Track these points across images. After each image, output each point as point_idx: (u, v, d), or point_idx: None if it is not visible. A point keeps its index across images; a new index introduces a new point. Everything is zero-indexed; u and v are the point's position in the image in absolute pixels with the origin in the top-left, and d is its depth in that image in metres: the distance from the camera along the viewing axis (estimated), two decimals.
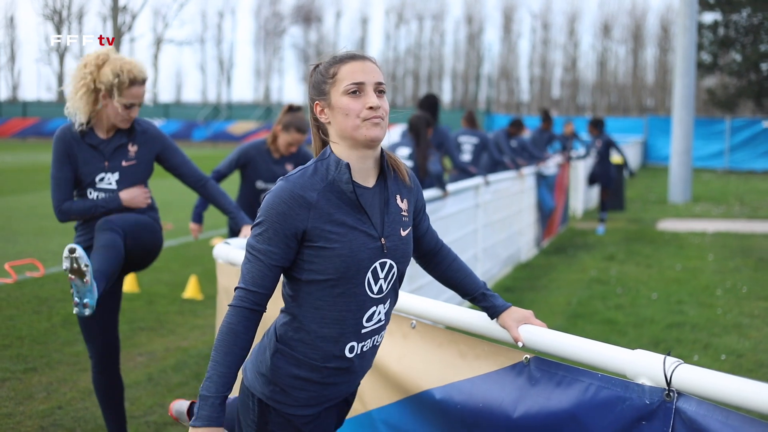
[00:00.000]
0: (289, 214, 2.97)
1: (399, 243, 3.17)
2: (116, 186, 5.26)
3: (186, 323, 9.45)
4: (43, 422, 6.40)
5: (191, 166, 5.56)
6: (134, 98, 5.13)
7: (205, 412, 2.91)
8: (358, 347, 3.13)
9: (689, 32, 25.33)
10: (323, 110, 3.12)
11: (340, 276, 3.03)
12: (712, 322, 9.64)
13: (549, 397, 3.05)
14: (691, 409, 2.64)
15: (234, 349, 2.97)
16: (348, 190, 3.03)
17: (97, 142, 5.24)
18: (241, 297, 3.00)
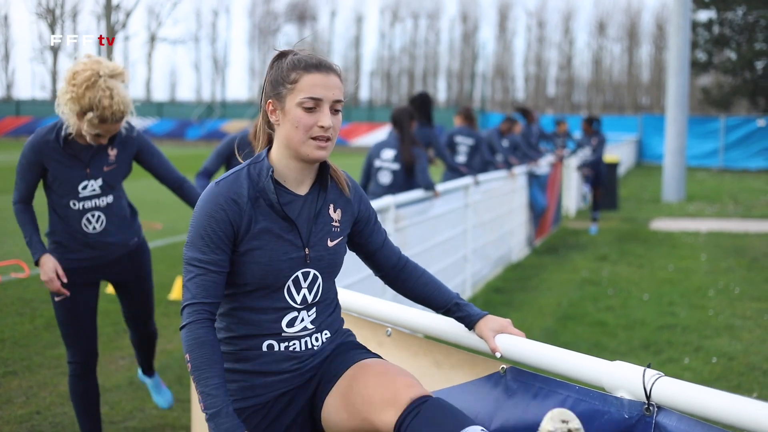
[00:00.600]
0: (226, 219, 2.93)
1: (324, 253, 3.12)
2: (100, 191, 5.20)
3: (171, 325, 9.34)
4: (21, 428, 6.30)
5: (169, 167, 5.52)
6: (105, 132, 5.05)
7: (225, 425, 2.81)
8: (279, 346, 3.09)
9: (683, 30, 25.29)
10: (275, 111, 3.04)
11: (257, 283, 3.00)
12: (703, 323, 9.55)
13: (525, 410, 2.96)
14: (672, 424, 2.55)
15: (215, 358, 2.87)
16: (274, 201, 2.99)
17: (76, 150, 5.16)
18: (198, 311, 2.91)
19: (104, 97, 4.88)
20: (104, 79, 4.93)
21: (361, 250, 3.38)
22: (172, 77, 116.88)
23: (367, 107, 72.15)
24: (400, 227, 8.12)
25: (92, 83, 4.90)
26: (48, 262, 5.14)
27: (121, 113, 4.98)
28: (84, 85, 4.90)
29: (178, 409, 6.73)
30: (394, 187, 9.13)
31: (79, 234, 5.23)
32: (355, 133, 56.93)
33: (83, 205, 5.19)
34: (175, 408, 6.76)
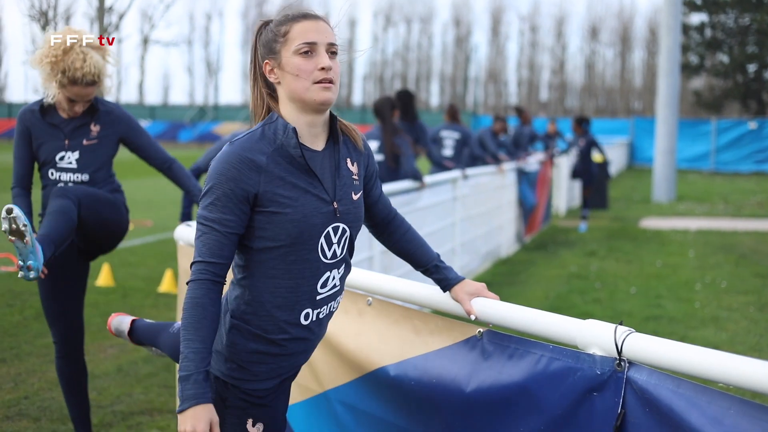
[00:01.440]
0: (240, 178, 2.87)
1: (351, 207, 3.10)
2: (76, 165, 5.21)
3: (160, 316, 9.37)
4: (9, 412, 6.34)
5: (157, 147, 5.52)
6: (76, 96, 5.09)
7: (189, 392, 2.78)
8: (313, 314, 3.06)
9: (673, 32, 25.38)
10: (273, 69, 3.02)
11: (293, 242, 2.94)
12: (689, 315, 9.60)
13: (501, 371, 2.99)
14: (642, 378, 2.58)
15: (204, 322, 2.84)
16: (297, 155, 2.95)
17: (58, 121, 5.21)
18: (201, 270, 2.88)
19: (77, 59, 4.96)
20: (81, 44, 5.01)
21: None
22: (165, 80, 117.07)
23: (360, 111, 72.13)
24: None
25: (70, 47, 4.99)
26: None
27: (92, 76, 5.01)
28: (62, 47, 4.98)
29: (164, 394, 6.78)
30: (380, 179, 9.14)
31: None
32: None
33: (60, 176, 5.21)
34: (162, 393, 6.82)
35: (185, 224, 5.00)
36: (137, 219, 17.36)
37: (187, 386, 2.78)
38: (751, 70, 49.00)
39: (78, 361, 5.50)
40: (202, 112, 69.30)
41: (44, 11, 67.58)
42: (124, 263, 12.48)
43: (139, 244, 14.59)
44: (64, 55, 4.97)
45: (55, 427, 6.08)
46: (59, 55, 4.97)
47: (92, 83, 5.06)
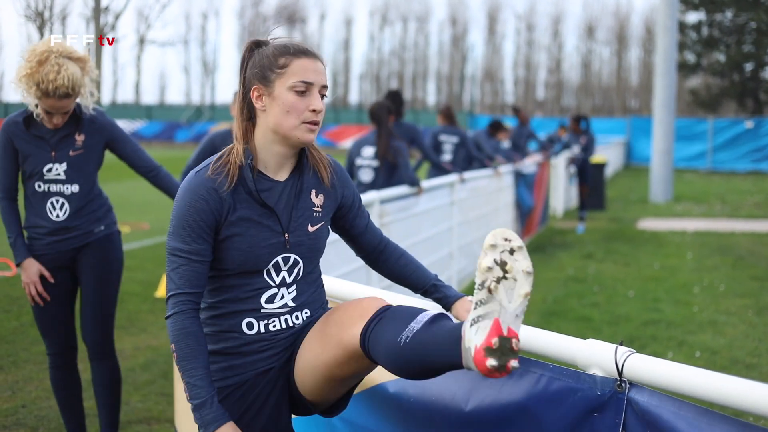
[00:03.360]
0: (208, 209, 2.94)
1: (305, 238, 3.14)
2: (65, 176, 5.18)
3: (157, 322, 9.36)
4: (6, 421, 6.32)
5: (142, 154, 5.50)
6: (51, 108, 5.03)
7: (209, 416, 2.87)
8: (259, 324, 3.12)
9: (670, 32, 25.37)
10: (261, 96, 3.03)
11: (237, 268, 3.03)
12: (687, 319, 9.59)
13: (500, 390, 2.98)
14: (644, 399, 2.57)
15: (200, 349, 2.91)
16: (252, 189, 3.01)
17: (43, 132, 5.18)
18: (183, 301, 2.94)
19: (51, 71, 4.89)
20: (56, 56, 4.95)
21: (345, 234, 3.40)
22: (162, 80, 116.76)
23: (356, 110, 72.16)
24: (385, 223, 8.15)
25: (45, 59, 4.93)
26: (31, 266, 5.16)
27: (65, 89, 4.93)
28: (37, 59, 4.93)
29: (162, 403, 6.76)
30: (376, 185, 9.12)
31: (45, 222, 5.21)
32: (344, 135, 56.86)
33: (48, 187, 5.17)
34: (160, 401, 6.80)
35: None
36: (134, 222, 17.35)
37: (205, 411, 2.86)
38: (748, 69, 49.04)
39: (73, 371, 5.51)
40: (198, 112, 69.29)
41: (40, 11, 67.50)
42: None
43: (137, 247, 14.56)
44: (39, 66, 4.90)
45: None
46: (34, 66, 4.91)
47: (66, 96, 4.99)
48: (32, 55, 4.96)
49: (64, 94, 4.96)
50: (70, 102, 5.07)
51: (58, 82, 4.89)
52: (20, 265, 5.18)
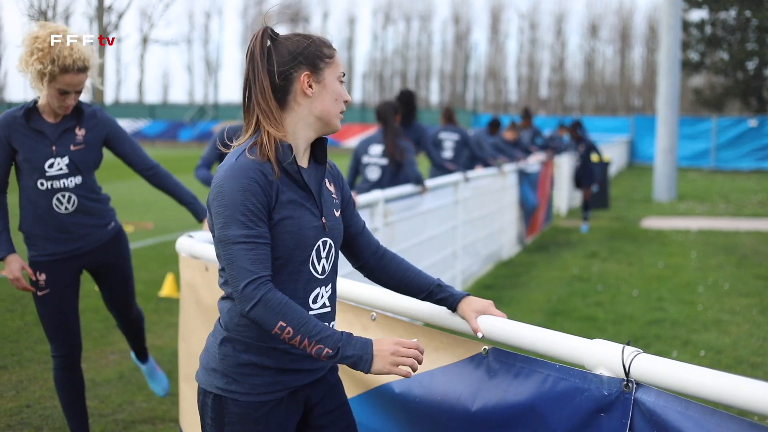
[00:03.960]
0: (261, 191, 2.88)
1: (335, 222, 3.16)
2: (67, 170, 5.17)
3: (161, 321, 9.36)
4: (11, 420, 6.31)
5: (140, 152, 5.51)
6: (67, 86, 5.01)
7: (357, 344, 2.85)
8: None
9: (673, 30, 25.35)
10: (311, 84, 3.03)
11: (288, 255, 2.96)
12: (692, 318, 9.58)
13: (507, 390, 2.97)
14: (651, 399, 2.56)
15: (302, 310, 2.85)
16: (293, 170, 2.99)
17: (44, 127, 5.17)
18: (263, 283, 2.83)
19: (64, 48, 4.91)
20: (62, 36, 4.97)
21: (345, 232, 3.36)
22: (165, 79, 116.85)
23: (359, 109, 72.09)
24: (389, 222, 8.14)
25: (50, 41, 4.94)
26: (13, 262, 5.16)
27: (82, 62, 4.96)
28: (47, 40, 4.93)
29: (167, 402, 6.75)
30: (382, 183, 9.13)
31: (51, 219, 5.21)
32: (348, 134, 56.85)
33: (51, 184, 5.16)
34: (164, 401, 6.79)
35: (187, 235, 4.98)
36: (137, 221, 17.36)
37: (352, 343, 2.85)
38: (752, 68, 48.97)
39: (77, 371, 5.52)
40: (202, 111, 69.30)
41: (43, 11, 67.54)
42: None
43: (140, 246, 14.55)
44: (50, 47, 4.93)
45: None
46: (45, 48, 4.93)
47: (83, 69, 5.00)
48: (37, 40, 4.96)
49: (82, 66, 4.98)
50: (85, 78, 5.07)
51: (75, 56, 4.92)
52: (3, 259, 5.17)
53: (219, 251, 2.90)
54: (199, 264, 4.69)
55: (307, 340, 2.80)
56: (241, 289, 2.81)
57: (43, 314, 5.37)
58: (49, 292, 5.28)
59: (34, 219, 5.24)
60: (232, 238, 2.84)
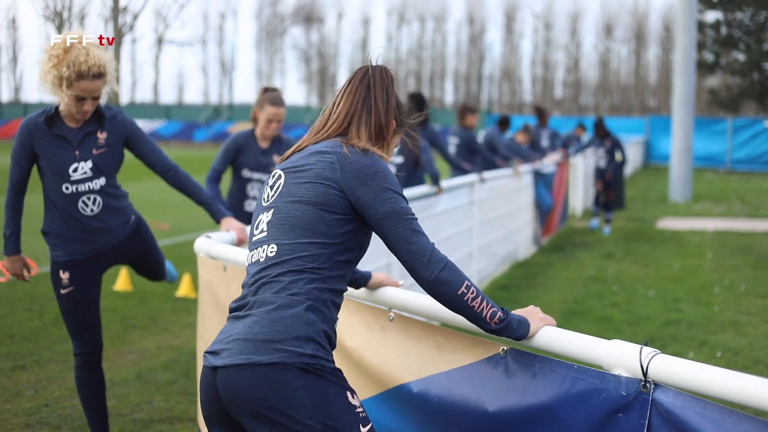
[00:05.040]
0: None
1: None
2: (91, 174, 5.22)
3: (179, 321, 9.40)
4: (30, 420, 6.35)
5: (160, 154, 5.53)
6: (84, 92, 5.04)
7: (516, 317, 3.07)
8: None
9: (689, 31, 25.30)
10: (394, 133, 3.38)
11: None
12: (708, 319, 9.57)
13: (525, 390, 2.99)
14: (668, 400, 2.58)
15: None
16: None
17: (66, 132, 5.21)
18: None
19: (80, 54, 4.95)
20: (79, 42, 5.03)
21: None
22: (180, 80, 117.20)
23: None
24: None
25: (70, 46, 5.00)
26: (18, 261, 5.30)
27: (98, 68, 5.00)
28: (62, 47, 4.99)
29: (185, 402, 6.78)
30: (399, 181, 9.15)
31: (76, 221, 5.27)
32: None
33: (77, 188, 5.21)
34: (182, 401, 6.82)
35: (205, 236, 5.01)
36: (154, 221, 17.40)
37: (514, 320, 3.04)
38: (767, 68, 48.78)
39: (98, 371, 5.55)
40: (217, 112, 69.39)
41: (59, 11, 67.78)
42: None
43: None
44: (65, 53, 4.97)
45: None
46: (61, 54, 4.98)
47: (99, 75, 5.03)
48: (55, 47, 5.02)
49: (97, 73, 5.01)
50: (102, 84, 5.10)
51: (90, 62, 4.96)
52: (9, 257, 5.23)
53: (392, 223, 3.04)
54: (217, 264, 4.72)
55: (485, 302, 2.98)
56: (430, 253, 2.98)
57: (66, 312, 5.41)
58: (72, 290, 5.33)
59: (60, 222, 5.29)
60: (409, 211, 3.06)
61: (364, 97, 3.27)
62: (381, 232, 3.05)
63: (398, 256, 3.03)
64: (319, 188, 3.04)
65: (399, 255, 3.02)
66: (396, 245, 3.01)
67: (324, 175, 3.05)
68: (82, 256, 5.34)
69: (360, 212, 3.06)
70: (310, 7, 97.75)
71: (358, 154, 3.08)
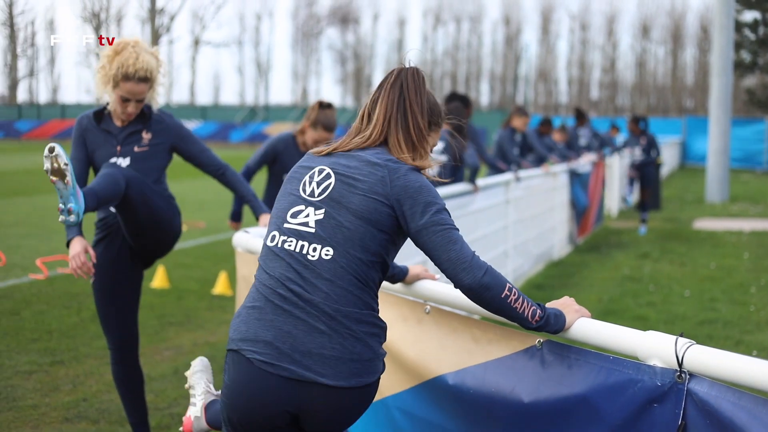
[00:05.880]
0: None
1: None
2: None
3: (215, 318, 9.47)
4: (68, 413, 6.43)
5: (209, 154, 5.58)
6: (128, 93, 5.17)
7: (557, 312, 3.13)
8: None
9: (726, 30, 25.15)
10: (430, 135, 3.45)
11: None
12: (744, 319, 9.53)
13: (560, 381, 3.02)
14: (703, 390, 2.60)
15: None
16: None
17: (112, 128, 5.35)
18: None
19: (130, 57, 5.12)
20: (132, 46, 5.19)
21: None
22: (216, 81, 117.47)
23: None
24: None
25: (121, 48, 5.17)
26: (76, 244, 5.25)
27: (144, 72, 5.14)
28: (114, 49, 5.17)
29: None
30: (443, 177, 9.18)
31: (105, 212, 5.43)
32: None
33: None
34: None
35: (243, 231, 5.06)
36: (190, 221, 17.51)
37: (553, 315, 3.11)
38: None
39: (134, 367, 5.61)
40: (253, 113, 69.66)
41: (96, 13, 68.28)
42: (179, 265, 12.60)
43: (193, 245, 14.71)
44: (116, 55, 5.15)
45: (113, 429, 6.17)
46: (111, 55, 5.15)
47: (144, 79, 5.16)
48: (108, 50, 5.18)
49: (143, 77, 5.15)
50: (146, 88, 5.23)
51: (137, 65, 5.11)
52: (69, 243, 5.29)
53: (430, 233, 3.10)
54: (255, 258, 4.76)
55: (526, 302, 3.04)
56: (470, 259, 3.04)
57: (98, 304, 5.53)
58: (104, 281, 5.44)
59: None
60: (449, 221, 3.14)
61: (398, 100, 3.34)
62: (420, 242, 3.12)
63: (439, 264, 3.08)
64: (371, 204, 3.11)
65: (440, 264, 3.07)
66: (435, 254, 3.07)
67: (375, 190, 3.12)
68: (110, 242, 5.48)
69: (402, 224, 3.14)
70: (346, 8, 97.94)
71: (405, 170, 3.17)
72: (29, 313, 9.53)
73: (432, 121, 3.43)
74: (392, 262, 3.36)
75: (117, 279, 5.46)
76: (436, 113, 3.45)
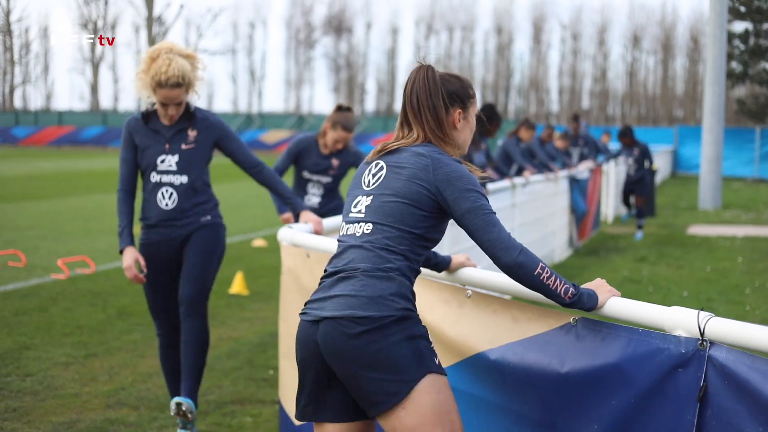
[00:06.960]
0: None
1: None
2: (176, 167, 5.74)
3: (234, 316, 9.85)
4: (109, 401, 6.80)
5: (247, 152, 6.03)
6: (165, 99, 5.61)
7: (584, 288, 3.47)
8: None
9: (719, 41, 25.48)
10: (460, 119, 3.72)
11: None
12: (740, 317, 9.83)
13: (594, 353, 3.37)
14: (722, 355, 2.97)
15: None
16: None
17: (159, 127, 5.78)
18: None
19: (163, 64, 5.51)
20: (166, 52, 5.60)
21: None
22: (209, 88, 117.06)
23: None
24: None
25: (156, 56, 5.58)
26: (128, 254, 5.71)
27: (176, 78, 5.53)
28: (150, 56, 5.59)
29: (252, 386, 7.23)
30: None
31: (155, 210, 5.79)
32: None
33: (160, 178, 5.75)
34: (249, 385, 7.27)
35: (288, 226, 5.46)
36: None
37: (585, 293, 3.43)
38: None
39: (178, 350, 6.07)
40: (248, 120, 69.80)
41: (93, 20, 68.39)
42: None
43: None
44: (152, 62, 5.57)
45: (154, 414, 6.54)
46: (147, 62, 5.58)
47: (177, 85, 5.57)
48: (145, 56, 5.62)
49: (175, 83, 5.56)
50: (181, 92, 5.65)
51: (169, 73, 5.52)
52: (122, 251, 5.72)
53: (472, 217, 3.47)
54: (300, 251, 5.14)
55: (559, 280, 3.40)
56: (507, 239, 3.43)
57: (147, 295, 6.01)
58: (150, 273, 5.86)
59: (145, 208, 5.85)
60: (488, 206, 3.49)
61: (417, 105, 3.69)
62: (464, 224, 3.51)
63: (480, 244, 3.47)
64: (413, 186, 3.51)
65: (481, 243, 3.47)
66: (477, 235, 3.46)
67: (419, 176, 3.51)
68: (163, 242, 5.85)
69: (446, 208, 3.52)
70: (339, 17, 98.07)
71: (448, 160, 3.55)
72: (57, 310, 9.90)
73: (459, 102, 3.71)
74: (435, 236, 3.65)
75: (163, 272, 5.91)
76: (459, 94, 3.72)
